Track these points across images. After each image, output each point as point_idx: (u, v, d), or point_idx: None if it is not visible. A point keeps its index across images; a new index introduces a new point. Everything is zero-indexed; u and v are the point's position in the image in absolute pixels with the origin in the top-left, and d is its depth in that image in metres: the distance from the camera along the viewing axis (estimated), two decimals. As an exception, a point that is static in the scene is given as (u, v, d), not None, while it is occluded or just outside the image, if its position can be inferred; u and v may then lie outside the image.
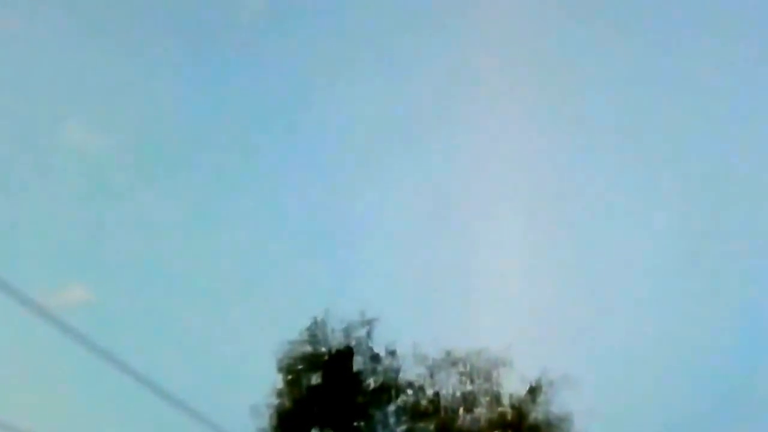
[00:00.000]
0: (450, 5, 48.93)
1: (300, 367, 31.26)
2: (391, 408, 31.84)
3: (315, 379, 31.36)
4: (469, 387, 32.49)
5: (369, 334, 31.63)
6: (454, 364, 32.38)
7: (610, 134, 47.81)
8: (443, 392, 32.37)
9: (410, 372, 32.11)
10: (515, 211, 44.54)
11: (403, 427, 31.83)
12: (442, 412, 32.15)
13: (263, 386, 31.02)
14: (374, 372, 31.78)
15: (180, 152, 47.06)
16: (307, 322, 31.25)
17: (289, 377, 31.18)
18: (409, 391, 32.05)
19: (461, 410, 32.36)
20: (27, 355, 33.61)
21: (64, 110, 45.95)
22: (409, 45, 48.75)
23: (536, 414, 32.18)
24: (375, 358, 31.78)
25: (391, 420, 31.74)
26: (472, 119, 47.44)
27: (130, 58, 47.97)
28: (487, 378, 32.48)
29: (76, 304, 38.48)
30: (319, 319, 31.17)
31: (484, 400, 32.48)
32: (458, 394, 32.42)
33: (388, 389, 31.70)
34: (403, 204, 46.00)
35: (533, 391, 32.15)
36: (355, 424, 31.31)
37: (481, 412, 32.44)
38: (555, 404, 32.00)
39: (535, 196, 46.00)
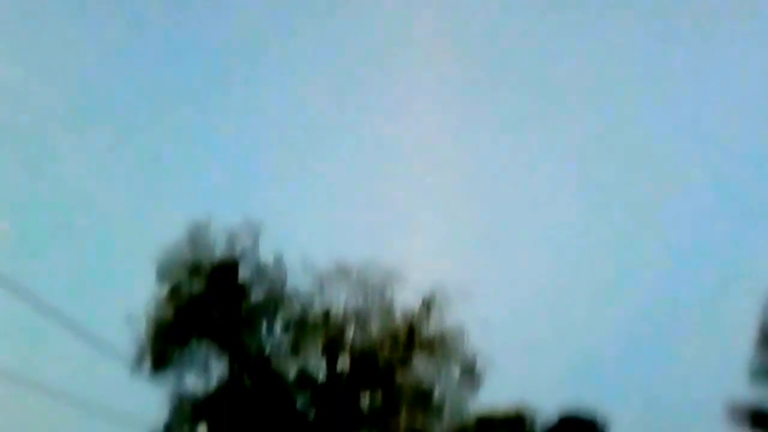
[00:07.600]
0: None
1: (181, 275, 29.45)
2: (278, 320, 30.34)
3: (197, 287, 29.63)
4: (360, 301, 31.21)
5: (255, 243, 29.96)
6: (346, 276, 30.99)
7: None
8: (333, 305, 31.02)
9: (299, 283, 30.63)
10: (421, 131, 43.65)
11: (290, 339, 30.41)
12: (332, 326, 30.82)
13: (142, 295, 29.23)
14: (260, 282, 30.16)
15: (96, 91, 45.85)
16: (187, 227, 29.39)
17: (169, 285, 29.36)
18: (297, 304, 30.57)
19: (352, 324, 31.11)
20: None
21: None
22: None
23: (429, 328, 31.14)
24: (261, 268, 30.13)
25: (277, 333, 30.29)
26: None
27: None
28: (380, 292, 31.22)
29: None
30: (200, 223, 29.33)
31: (376, 314, 31.26)
32: (349, 307, 31.11)
33: (275, 300, 30.16)
34: (305, 110, 44.60)
35: (427, 304, 31.03)
36: (239, 336, 29.77)
37: (372, 326, 31.26)
38: (449, 318, 30.99)
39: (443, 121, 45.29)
